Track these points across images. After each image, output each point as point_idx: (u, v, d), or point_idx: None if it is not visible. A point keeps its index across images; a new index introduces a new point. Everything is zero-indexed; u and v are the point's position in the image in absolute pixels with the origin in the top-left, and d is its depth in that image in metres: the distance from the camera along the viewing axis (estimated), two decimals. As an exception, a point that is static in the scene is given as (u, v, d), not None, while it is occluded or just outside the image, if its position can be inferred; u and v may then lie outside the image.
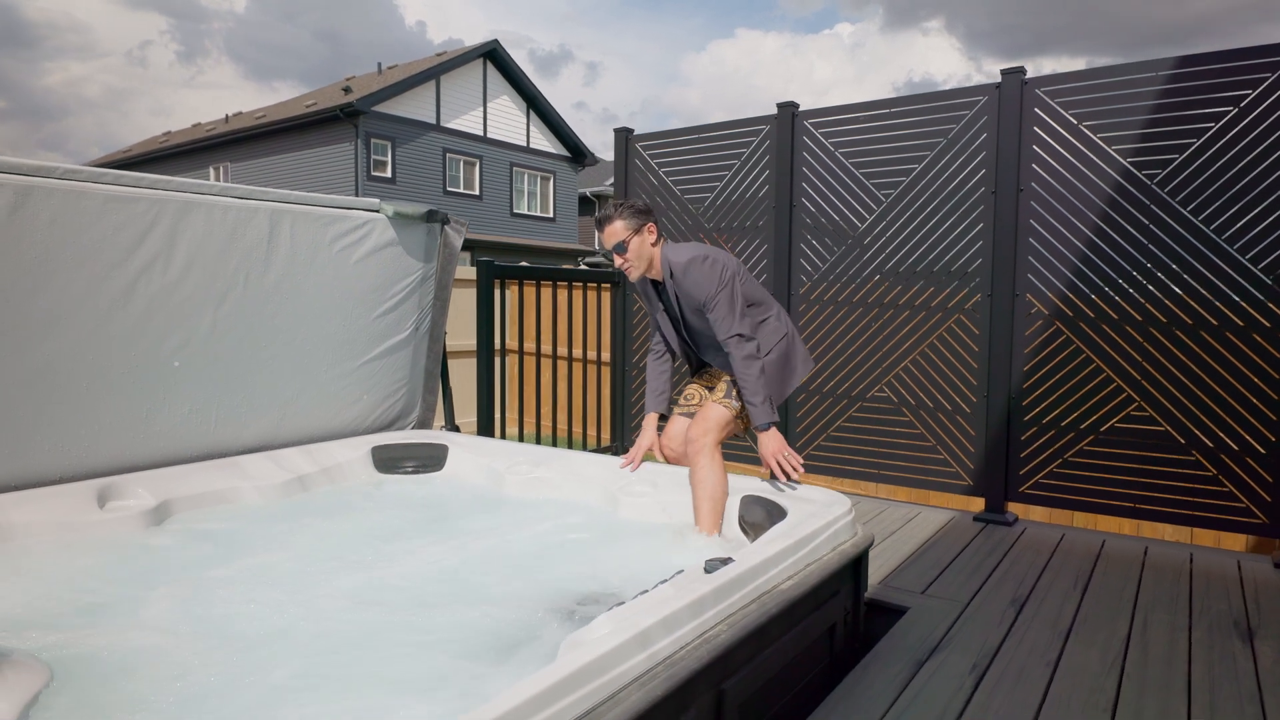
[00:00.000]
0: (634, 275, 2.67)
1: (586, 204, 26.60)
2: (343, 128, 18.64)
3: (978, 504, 3.77)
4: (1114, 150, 3.30)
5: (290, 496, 3.02)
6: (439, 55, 21.72)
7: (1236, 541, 3.42)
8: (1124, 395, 3.34)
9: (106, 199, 2.59)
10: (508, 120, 22.21)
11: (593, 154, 24.63)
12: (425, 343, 3.75)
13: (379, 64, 22.23)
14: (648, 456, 2.95)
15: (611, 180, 23.63)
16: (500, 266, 3.98)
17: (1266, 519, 3.09)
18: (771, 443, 2.55)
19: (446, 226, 3.67)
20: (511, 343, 7.02)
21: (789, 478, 2.55)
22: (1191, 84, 3.15)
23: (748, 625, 1.76)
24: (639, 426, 4.34)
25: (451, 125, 20.71)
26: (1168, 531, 3.48)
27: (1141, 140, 3.25)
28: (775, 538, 2.11)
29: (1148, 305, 3.27)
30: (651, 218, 2.65)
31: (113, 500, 2.65)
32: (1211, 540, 3.37)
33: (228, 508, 2.85)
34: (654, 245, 2.64)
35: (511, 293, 6.38)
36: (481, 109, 21.42)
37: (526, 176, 22.86)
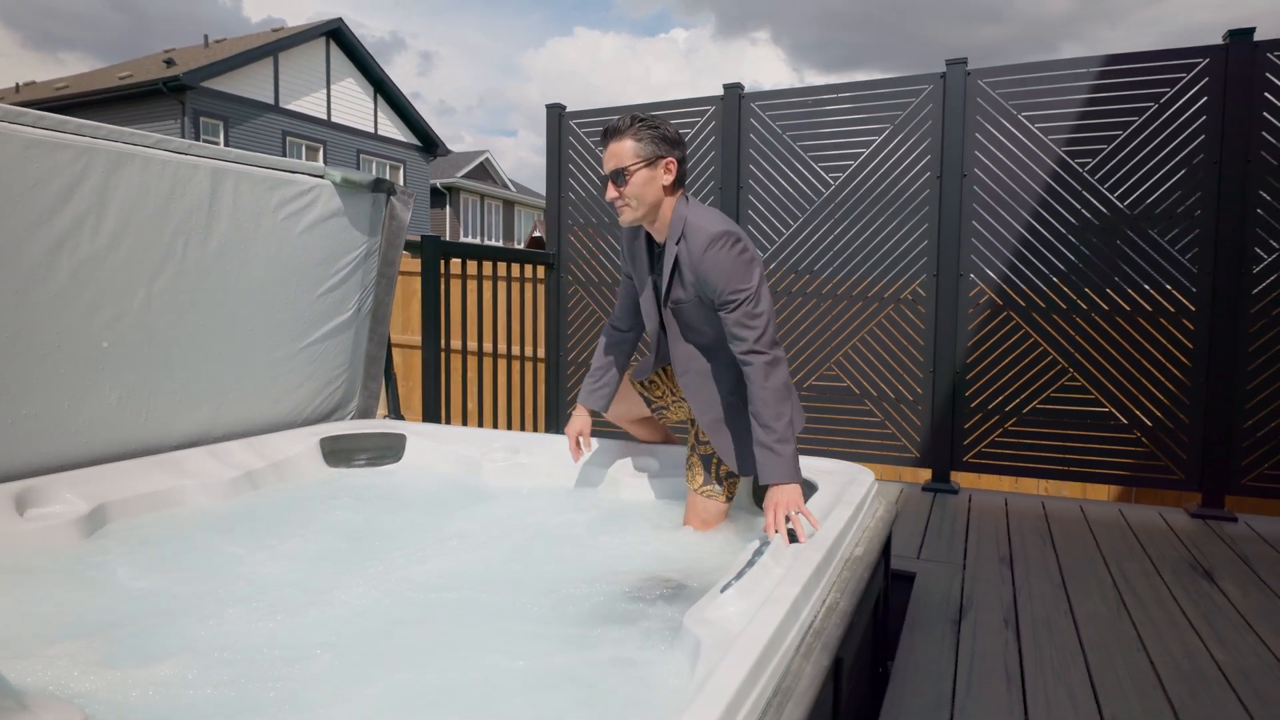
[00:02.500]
0: (626, 218, 2.07)
1: (438, 195, 25.67)
2: (167, 103, 16.87)
3: (923, 475, 3.95)
4: (1050, 140, 3.55)
5: (240, 496, 2.66)
6: (276, 31, 20.16)
7: (1155, 497, 3.81)
8: (1058, 368, 3.60)
9: (27, 144, 2.15)
10: (354, 104, 21.00)
11: (444, 144, 23.78)
12: (368, 324, 3.43)
13: (205, 36, 20.32)
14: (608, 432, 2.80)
15: (464, 172, 22.83)
16: (446, 243, 3.70)
17: (1183, 475, 3.44)
18: (787, 492, 1.91)
19: (392, 197, 3.38)
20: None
21: (790, 539, 1.82)
22: (1118, 80, 3.45)
23: (852, 591, 1.72)
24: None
25: (291, 107, 19.31)
26: (1094, 491, 3.79)
27: (1075, 131, 3.52)
28: (832, 505, 2.08)
29: (1083, 285, 3.54)
30: (678, 153, 2.05)
31: (35, 506, 2.21)
32: (1134, 497, 3.71)
33: (172, 511, 2.46)
34: (667, 192, 2.05)
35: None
36: (325, 91, 20.12)
37: (375, 165, 21.72)
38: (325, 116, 20.05)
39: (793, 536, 1.88)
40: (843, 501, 2.09)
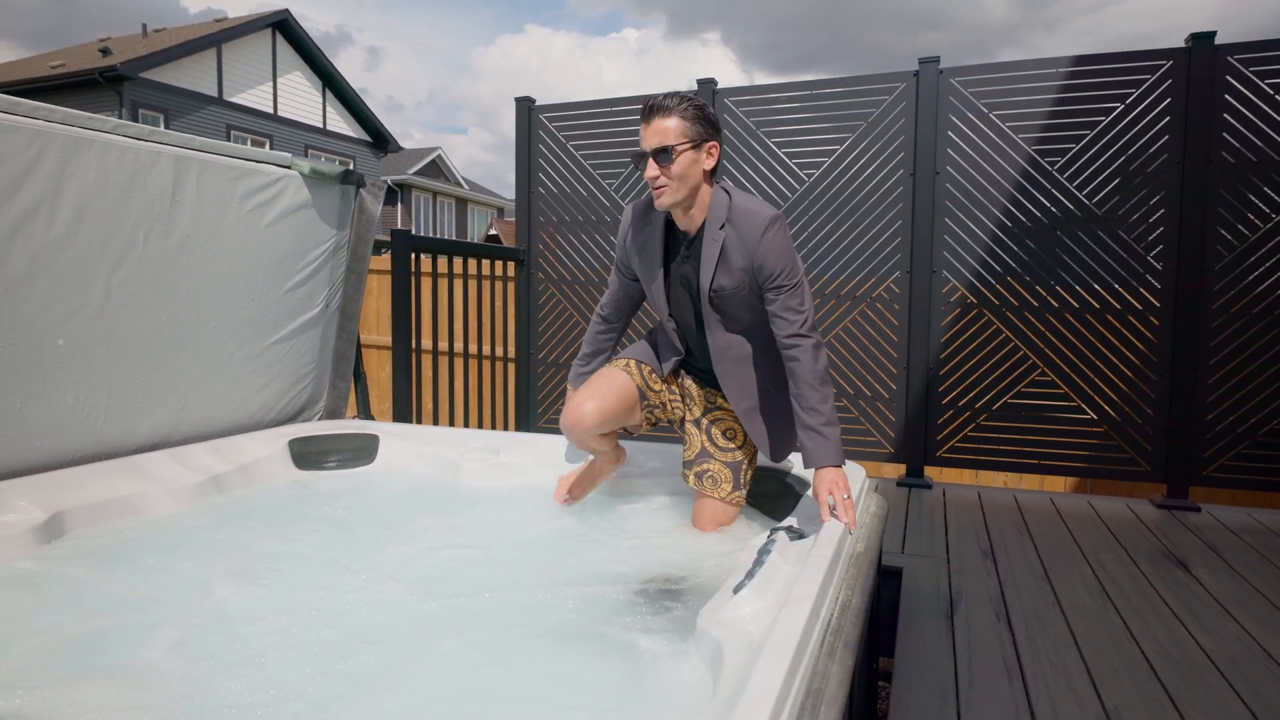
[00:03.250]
0: (665, 200, 1.96)
1: (389, 193, 25.18)
2: (104, 94, 16.20)
3: (891, 470, 3.97)
4: (1021, 139, 3.60)
5: (206, 501, 2.53)
6: (219, 21, 19.54)
7: (1120, 488, 3.90)
8: (1029, 364, 3.66)
9: (-24, 125, 2.00)
10: (301, 98, 20.47)
11: (395, 140, 23.34)
12: (336, 321, 3.31)
13: (144, 26, 19.58)
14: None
15: (415, 169, 22.41)
16: (417, 238, 3.60)
17: (1149, 467, 3.53)
18: (834, 475, 1.92)
19: (362, 190, 3.27)
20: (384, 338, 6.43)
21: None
22: (1086, 81, 3.51)
23: (861, 588, 1.70)
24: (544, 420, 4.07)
25: (236, 100, 18.73)
26: (1060, 484, 3.86)
27: (1044, 130, 3.58)
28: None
29: (1052, 283, 3.60)
30: (720, 138, 2.01)
31: (-14, 516, 2.06)
32: (1098, 489, 3.79)
33: (135, 519, 2.32)
34: (706, 178, 1.98)
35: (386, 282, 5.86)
36: (271, 84, 19.57)
37: (324, 160, 21.18)
38: (272, 110, 19.50)
39: (789, 531, 1.87)
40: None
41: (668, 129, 1.91)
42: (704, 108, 1.97)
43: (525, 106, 4.45)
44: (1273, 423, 3.35)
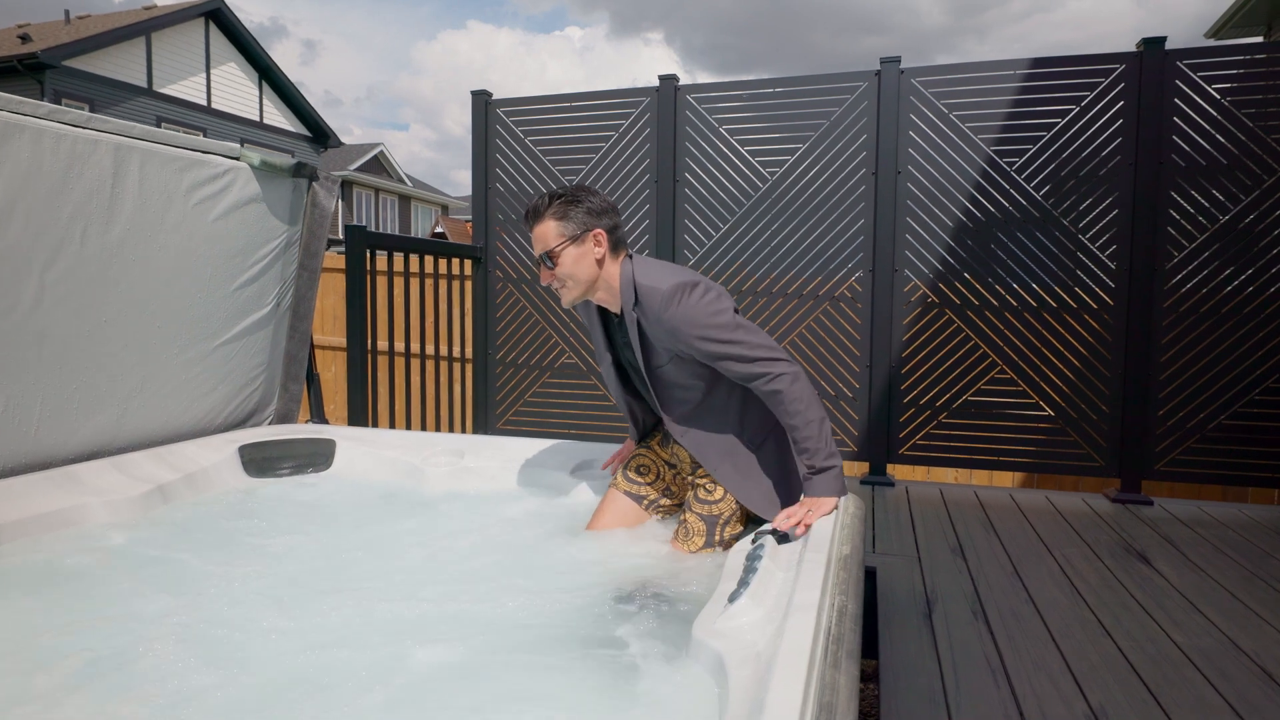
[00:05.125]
0: (566, 299, 2.00)
1: (330, 189, 24.52)
2: (23, 83, 15.38)
3: (852, 468, 3.99)
4: (980, 139, 3.65)
5: (151, 512, 2.38)
6: (147, 9, 18.73)
7: (1074, 483, 3.98)
8: (989, 361, 3.71)
9: (-109, 107, 1.83)
10: (236, 91, 19.78)
11: (335, 135, 22.75)
12: (287, 321, 3.16)
13: (66, 12, 18.65)
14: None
15: (356, 165, 21.82)
16: (372, 235, 3.46)
17: (1103, 462, 3.61)
18: (823, 504, 1.93)
19: (315, 184, 3.12)
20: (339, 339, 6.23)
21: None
22: (1043, 83, 3.57)
23: (854, 593, 1.67)
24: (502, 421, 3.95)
25: (167, 91, 17.99)
26: (1016, 480, 3.92)
27: (1003, 131, 3.63)
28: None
29: (1011, 281, 3.66)
30: (605, 221, 1.94)
31: (-94, 534, 1.88)
32: (1045, 483, 3.87)
33: (73, 532, 2.16)
34: (604, 262, 1.95)
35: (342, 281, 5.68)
36: (205, 76, 18.86)
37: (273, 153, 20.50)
38: (205, 102, 18.80)
39: (774, 533, 1.84)
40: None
41: (546, 233, 1.93)
42: (581, 200, 1.93)
43: (481, 101, 4.34)
44: (1220, 418, 3.46)
